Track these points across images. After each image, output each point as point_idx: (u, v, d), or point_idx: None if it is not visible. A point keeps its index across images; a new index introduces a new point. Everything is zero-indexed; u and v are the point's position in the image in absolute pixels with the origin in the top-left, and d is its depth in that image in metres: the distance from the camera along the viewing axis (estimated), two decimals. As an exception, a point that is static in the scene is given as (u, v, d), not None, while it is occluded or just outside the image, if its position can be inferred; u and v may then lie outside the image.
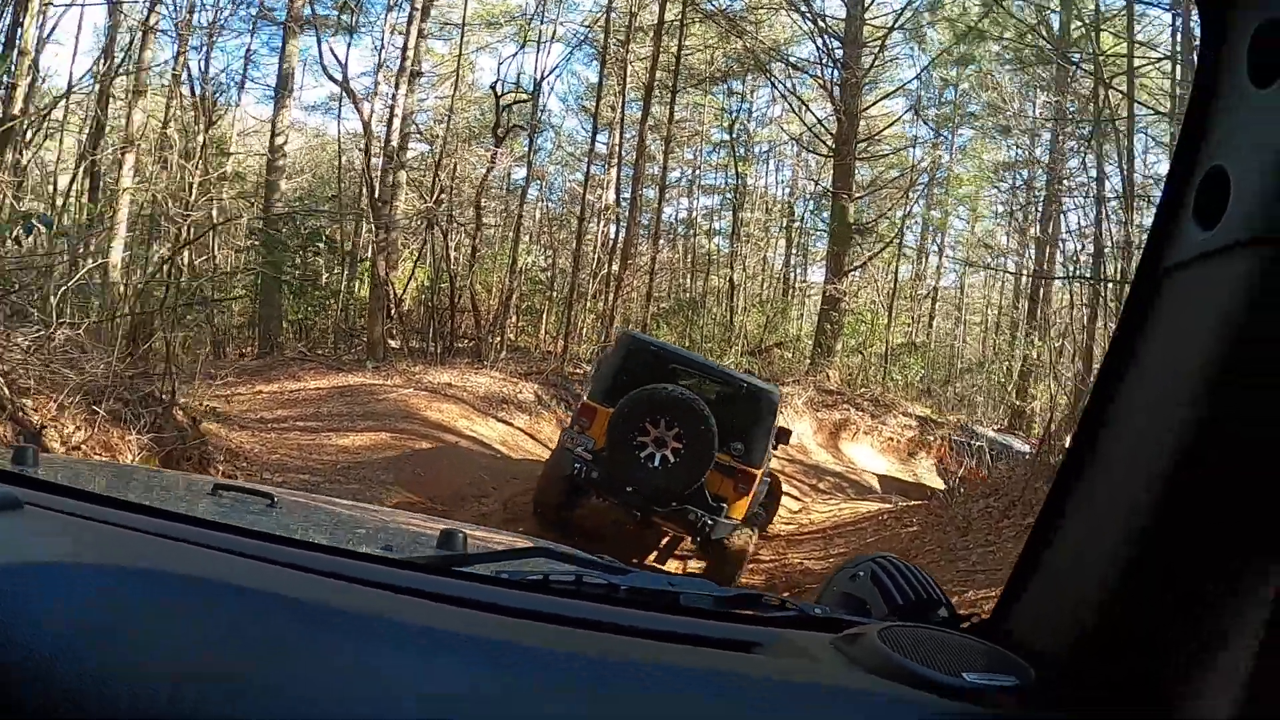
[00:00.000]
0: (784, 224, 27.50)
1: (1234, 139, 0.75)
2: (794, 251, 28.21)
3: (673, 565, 8.20)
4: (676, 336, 20.54)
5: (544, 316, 20.78)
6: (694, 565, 7.92)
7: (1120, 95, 16.10)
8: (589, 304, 19.78)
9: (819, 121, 21.54)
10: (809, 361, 20.05)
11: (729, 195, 26.69)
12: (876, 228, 21.75)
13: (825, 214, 23.23)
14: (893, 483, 14.87)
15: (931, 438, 17.99)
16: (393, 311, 17.77)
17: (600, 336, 17.02)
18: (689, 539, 7.78)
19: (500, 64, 32.14)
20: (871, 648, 0.90)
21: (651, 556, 8.34)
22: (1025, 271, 26.24)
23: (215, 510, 1.55)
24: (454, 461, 10.27)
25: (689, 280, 26.49)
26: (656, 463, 7.03)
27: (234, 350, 18.76)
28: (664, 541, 8.49)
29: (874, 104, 22.16)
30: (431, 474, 9.40)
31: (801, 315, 25.62)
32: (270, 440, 9.96)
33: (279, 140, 19.26)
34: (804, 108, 21.67)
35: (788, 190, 29.33)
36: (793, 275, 28.40)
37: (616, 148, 22.08)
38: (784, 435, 8.67)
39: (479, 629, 0.83)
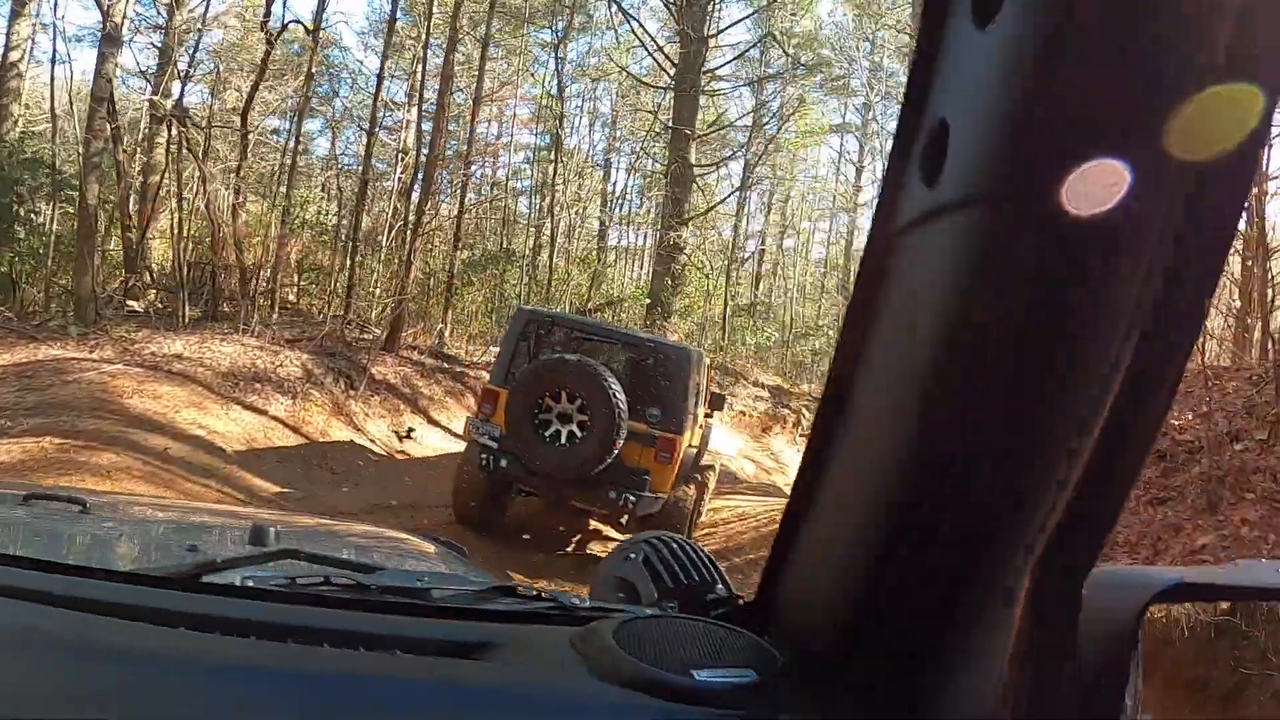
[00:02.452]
0: (602, 174, 25.22)
1: (954, 88, 0.68)
2: (609, 208, 25.96)
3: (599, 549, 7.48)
4: (485, 298, 17.83)
5: (332, 275, 17.49)
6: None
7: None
8: (383, 256, 16.58)
9: (660, 48, 18.89)
10: (644, 323, 17.58)
11: (546, 146, 23.83)
12: (722, 169, 19.35)
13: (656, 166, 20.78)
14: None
15: (785, 411, 15.94)
16: (137, 265, 14.25)
17: (393, 292, 13.81)
18: (613, 519, 7.36)
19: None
20: (602, 645, 0.85)
21: (575, 543, 7.68)
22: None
23: (19, 522, 1.58)
24: (161, 484, 7.00)
25: (504, 241, 23.57)
26: (563, 439, 6.63)
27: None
28: (590, 526, 7.88)
29: (728, 28, 19.71)
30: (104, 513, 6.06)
31: (639, 275, 23.63)
32: None
33: (13, 56, 14.93)
34: (641, 29, 18.91)
35: (605, 144, 27.01)
36: (618, 236, 26.34)
37: (419, 85, 18.77)
38: (717, 401, 8.22)
39: (209, 655, 0.79)
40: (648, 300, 17.53)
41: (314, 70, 17.13)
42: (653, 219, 29.91)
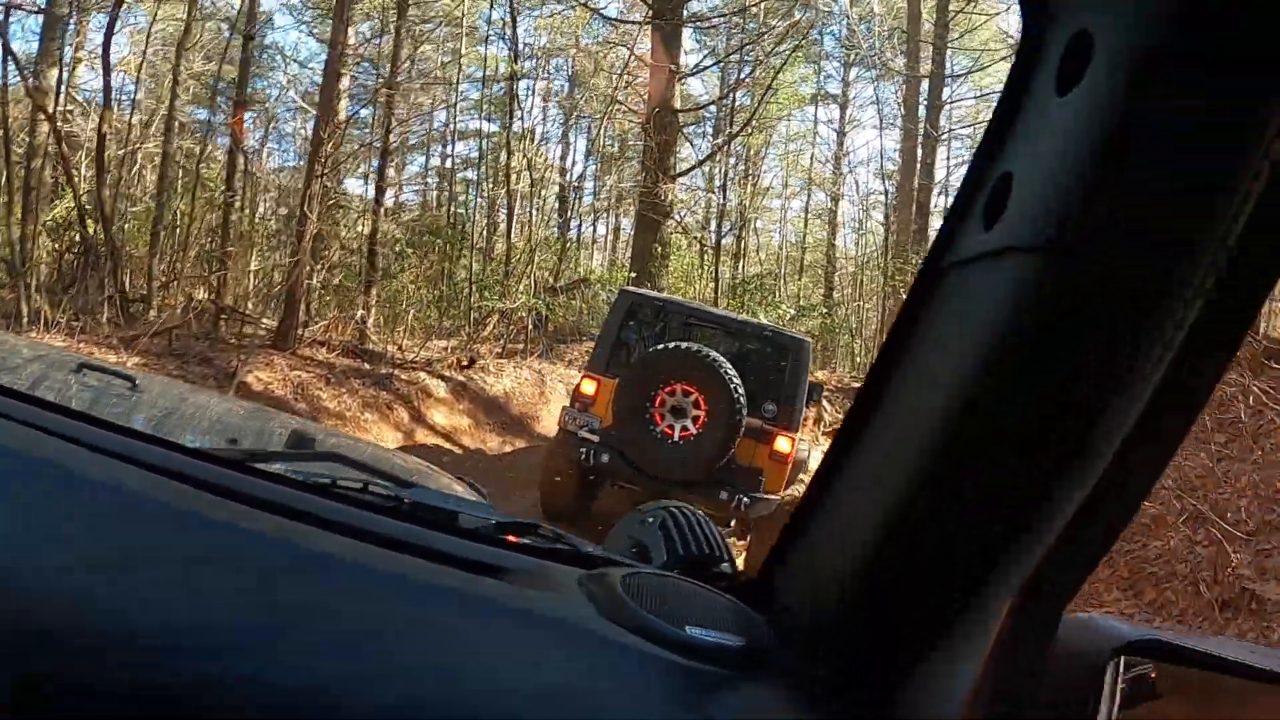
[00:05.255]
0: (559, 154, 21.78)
1: (1025, 145, 0.75)
2: (569, 180, 22.54)
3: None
4: (429, 280, 14.16)
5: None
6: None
7: None
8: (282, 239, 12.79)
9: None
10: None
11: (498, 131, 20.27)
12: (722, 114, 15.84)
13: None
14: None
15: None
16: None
17: (288, 271, 9.92)
18: (721, 521, 6.42)
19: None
20: (608, 587, 0.91)
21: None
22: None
23: (72, 393, 1.73)
24: None
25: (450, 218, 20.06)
26: (676, 436, 6.20)
27: None
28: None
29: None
30: None
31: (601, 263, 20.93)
32: None
33: None
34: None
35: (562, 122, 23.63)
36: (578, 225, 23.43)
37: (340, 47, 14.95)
38: (815, 390, 7.46)
39: (255, 524, 0.84)
40: (632, 275, 13.81)
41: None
42: (615, 200, 26.90)
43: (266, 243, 15.43)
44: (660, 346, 6.32)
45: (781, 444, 6.42)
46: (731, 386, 6.07)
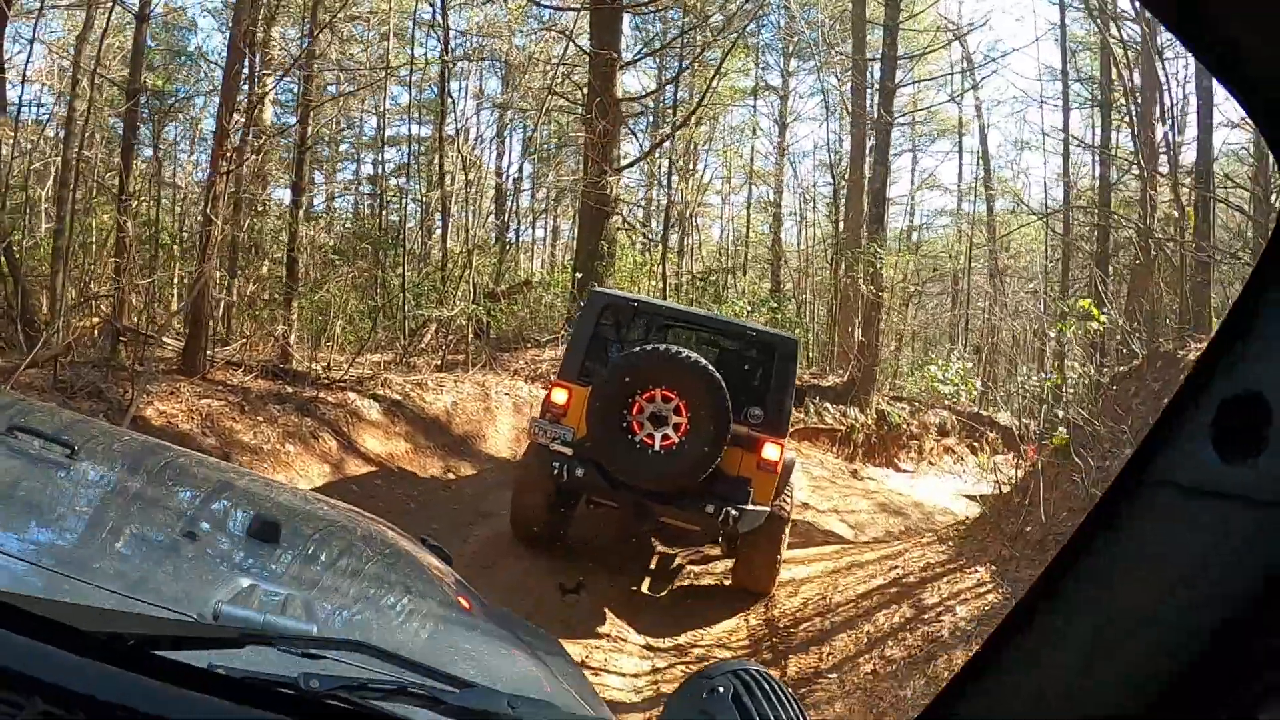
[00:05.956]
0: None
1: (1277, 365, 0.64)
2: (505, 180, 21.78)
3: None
4: (359, 290, 13.21)
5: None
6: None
7: None
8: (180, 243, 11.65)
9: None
10: (574, 303, 13.06)
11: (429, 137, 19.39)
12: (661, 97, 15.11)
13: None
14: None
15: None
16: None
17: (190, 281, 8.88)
18: (707, 537, 6.55)
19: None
20: None
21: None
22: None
23: None
24: None
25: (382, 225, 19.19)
26: (657, 445, 5.76)
27: None
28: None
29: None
30: None
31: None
32: None
33: None
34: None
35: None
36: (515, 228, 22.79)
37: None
38: (798, 395, 6.94)
39: None
40: (578, 275, 12.99)
41: None
42: (554, 200, 26.08)
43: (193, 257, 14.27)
44: (637, 349, 5.90)
45: (770, 451, 5.97)
46: (715, 390, 5.66)
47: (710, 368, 5.75)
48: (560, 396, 6.22)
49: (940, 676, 4.31)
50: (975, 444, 16.95)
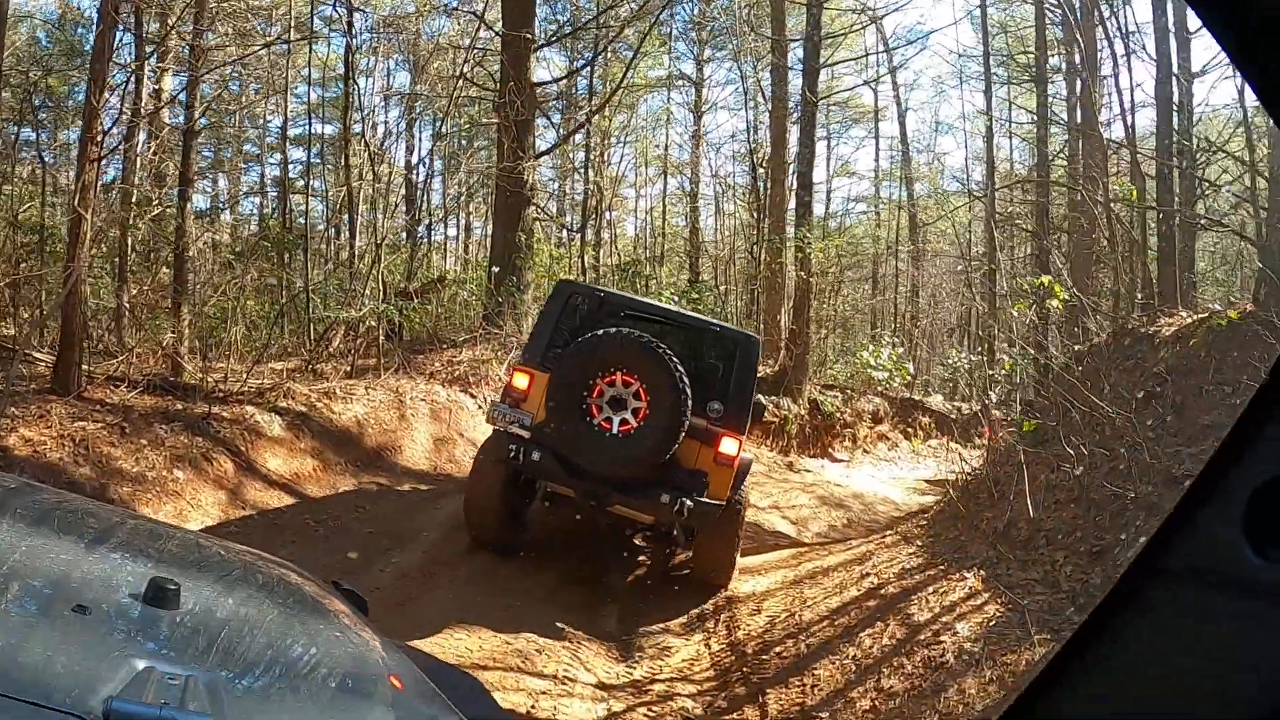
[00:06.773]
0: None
1: None
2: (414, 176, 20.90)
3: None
4: (261, 293, 12.28)
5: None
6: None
7: None
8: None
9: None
10: (491, 299, 12.33)
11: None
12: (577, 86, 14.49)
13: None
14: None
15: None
16: None
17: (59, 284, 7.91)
18: (661, 526, 6.41)
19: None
20: None
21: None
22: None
23: None
24: None
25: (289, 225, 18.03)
26: (614, 429, 5.73)
27: None
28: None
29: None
30: None
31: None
32: None
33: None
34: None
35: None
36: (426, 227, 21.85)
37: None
38: (758, 409, 6.67)
39: None
40: (495, 269, 12.26)
41: None
42: (466, 196, 25.23)
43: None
44: (600, 332, 5.87)
45: (728, 445, 5.95)
46: (675, 375, 5.65)
47: (669, 351, 5.73)
48: (521, 381, 6.18)
49: (955, 714, 3.77)
50: (909, 430, 16.76)
